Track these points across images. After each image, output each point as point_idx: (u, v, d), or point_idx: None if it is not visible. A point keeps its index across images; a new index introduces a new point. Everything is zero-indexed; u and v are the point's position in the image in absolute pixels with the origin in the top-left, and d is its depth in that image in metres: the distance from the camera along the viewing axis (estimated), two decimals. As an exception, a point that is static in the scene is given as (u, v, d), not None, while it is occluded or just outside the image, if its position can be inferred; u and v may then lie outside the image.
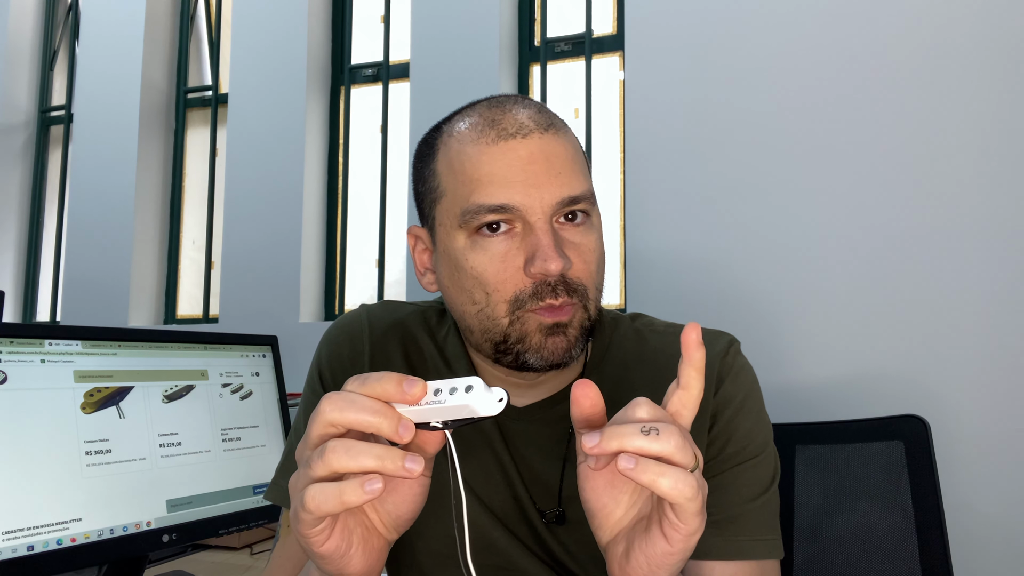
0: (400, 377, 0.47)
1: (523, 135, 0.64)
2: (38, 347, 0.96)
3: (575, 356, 0.65)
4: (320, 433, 0.47)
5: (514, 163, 0.63)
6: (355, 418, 0.46)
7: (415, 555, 0.74)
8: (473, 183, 0.64)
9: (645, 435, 0.45)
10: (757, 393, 0.74)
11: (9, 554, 0.86)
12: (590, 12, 2.29)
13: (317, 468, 0.45)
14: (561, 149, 0.65)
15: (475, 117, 0.67)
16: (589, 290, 0.65)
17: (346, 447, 0.45)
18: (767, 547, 0.69)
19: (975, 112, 1.73)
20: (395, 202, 2.50)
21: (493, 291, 0.64)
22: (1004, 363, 1.65)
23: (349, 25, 2.61)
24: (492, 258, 0.63)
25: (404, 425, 0.46)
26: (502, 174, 0.63)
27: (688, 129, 1.96)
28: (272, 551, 0.78)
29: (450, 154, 0.67)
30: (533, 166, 0.63)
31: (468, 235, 0.64)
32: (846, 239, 1.79)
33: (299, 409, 0.81)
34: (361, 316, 0.80)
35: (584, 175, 0.66)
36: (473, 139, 0.65)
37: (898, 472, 1.10)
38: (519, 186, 0.62)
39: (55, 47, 3.11)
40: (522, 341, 0.64)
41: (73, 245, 2.74)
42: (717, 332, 0.77)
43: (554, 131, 0.66)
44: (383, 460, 0.44)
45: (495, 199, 0.62)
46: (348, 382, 0.48)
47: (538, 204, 0.62)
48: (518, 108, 0.67)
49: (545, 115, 0.67)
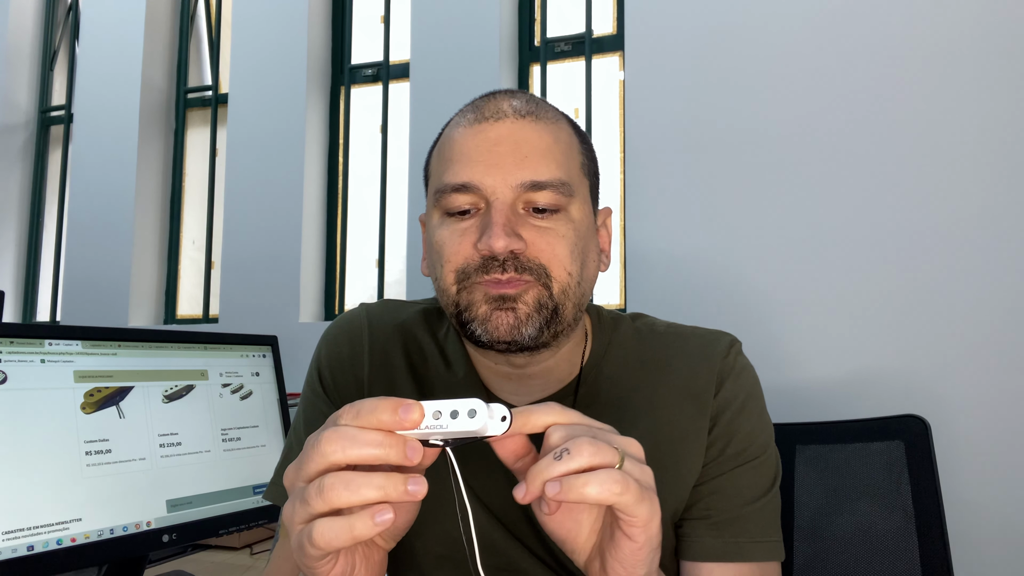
0: (395, 404, 0.44)
1: (496, 119, 0.66)
2: (38, 347, 0.96)
3: (528, 334, 0.63)
4: (319, 470, 0.44)
5: (482, 144, 0.65)
6: (358, 454, 0.44)
7: (415, 556, 0.74)
8: (446, 163, 0.66)
9: (558, 460, 0.45)
10: (758, 394, 0.74)
11: (9, 554, 0.86)
12: (590, 12, 2.29)
13: (317, 505, 0.43)
14: (534, 136, 0.65)
15: (468, 107, 0.70)
16: (552, 270, 0.64)
17: (344, 482, 0.43)
18: (767, 549, 0.69)
19: (975, 113, 1.73)
20: (395, 202, 2.50)
21: (446, 262, 0.65)
22: (1004, 363, 1.65)
23: (349, 25, 2.61)
24: (452, 233, 0.65)
25: (412, 448, 0.44)
26: (469, 154, 0.65)
27: (688, 129, 1.96)
28: (272, 551, 0.78)
29: (440, 141, 0.70)
30: (499, 147, 0.64)
31: (441, 214, 0.66)
32: (846, 239, 1.79)
33: (298, 409, 0.81)
34: (361, 315, 0.80)
35: (560, 166, 0.65)
36: (457, 124, 0.68)
37: (898, 472, 1.10)
38: (481, 166, 0.64)
39: (55, 47, 3.11)
40: (469, 310, 0.64)
41: (73, 245, 2.74)
42: (718, 332, 0.76)
43: (533, 119, 0.66)
44: (385, 489, 0.43)
45: (458, 177, 0.64)
46: (342, 414, 0.46)
47: (500, 184, 0.63)
48: (506, 97, 0.68)
49: (532, 105, 0.67)
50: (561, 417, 0.48)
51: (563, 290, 0.64)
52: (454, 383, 0.75)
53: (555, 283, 0.64)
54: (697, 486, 0.71)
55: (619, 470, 0.45)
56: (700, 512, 0.70)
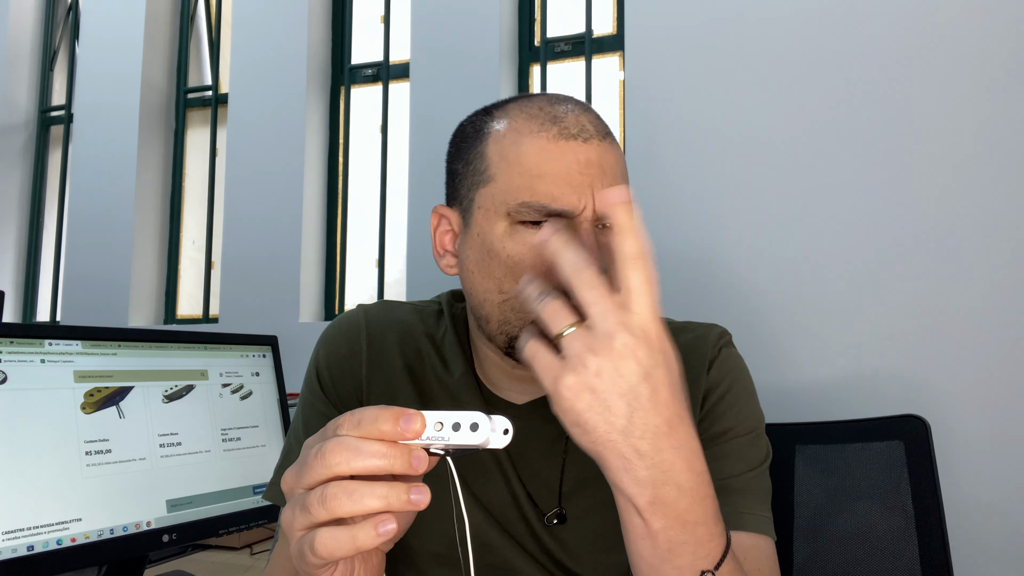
0: (397, 414, 0.44)
1: (584, 139, 0.64)
2: (38, 347, 0.96)
3: None
4: (320, 479, 0.44)
5: (573, 165, 0.63)
6: (363, 465, 0.43)
7: (412, 555, 0.74)
8: (531, 178, 0.63)
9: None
10: (745, 380, 0.75)
11: (9, 554, 0.86)
12: (590, 12, 2.29)
13: (319, 514, 0.43)
14: (614, 159, 0.66)
15: (534, 110, 0.66)
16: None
17: (347, 492, 0.43)
18: (755, 520, 0.68)
19: (975, 112, 1.73)
20: (395, 202, 2.50)
21: (518, 275, 0.63)
22: (1004, 363, 1.65)
23: (349, 25, 2.61)
24: (531, 249, 0.63)
25: (416, 458, 0.44)
26: (563, 175, 0.63)
27: (688, 129, 1.96)
28: (272, 551, 0.78)
29: (504, 141, 0.66)
30: (590, 171, 0.63)
31: (510, 224, 0.64)
32: (846, 239, 1.79)
33: (297, 409, 0.81)
34: (358, 316, 0.80)
35: (629, 187, 0.66)
36: (533, 131, 0.65)
37: (898, 472, 1.10)
38: (571, 188, 0.63)
39: (55, 47, 3.11)
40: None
41: (73, 245, 2.74)
42: (709, 325, 0.78)
43: (610, 140, 0.67)
44: (387, 499, 0.43)
45: (554, 202, 0.62)
46: (342, 423, 0.45)
47: (589, 210, 0.63)
48: (579, 111, 0.67)
49: (602, 123, 0.68)
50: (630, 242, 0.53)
51: None
52: (450, 383, 0.75)
53: None
54: None
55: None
56: None
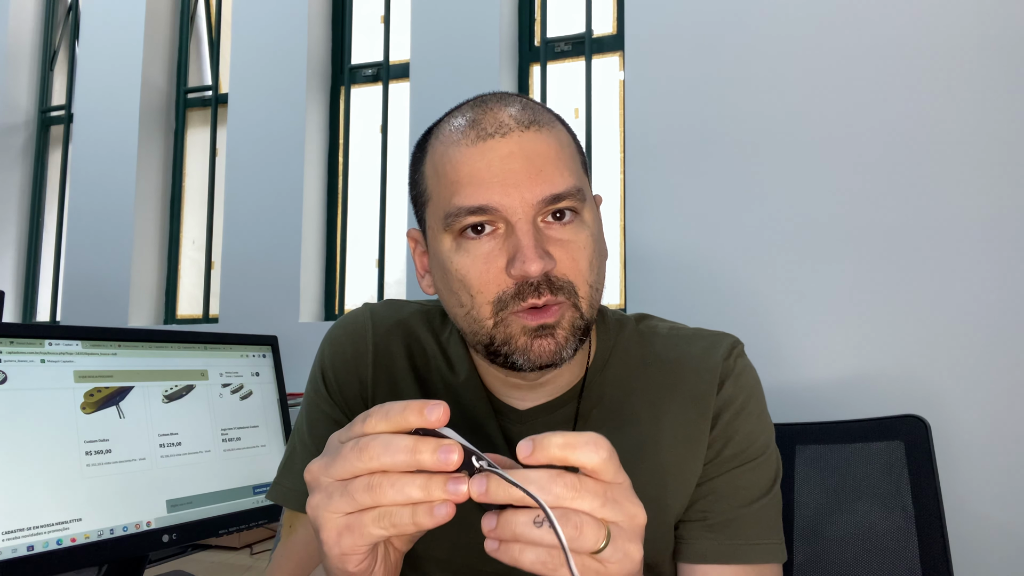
0: (421, 405, 0.45)
1: (502, 134, 0.63)
2: (38, 347, 0.96)
3: (567, 356, 0.64)
4: (354, 473, 0.46)
5: (493, 163, 0.62)
6: (393, 461, 0.45)
7: (418, 559, 0.74)
8: (454, 185, 0.63)
9: (538, 527, 0.43)
10: (759, 395, 0.74)
11: (9, 554, 0.86)
12: (590, 12, 2.29)
13: (363, 500, 0.45)
14: (543, 146, 0.63)
15: (459, 118, 0.66)
16: (579, 287, 0.63)
17: (391, 481, 0.44)
18: (766, 551, 0.69)
19: (976, 113, 1.73)
20: (395, 202, 2.50)
21: (477, 293, 0.63)
22: (1004, 363, 1.65)
23: (349, 25, 2.61)
24: (475, 260, 0.63)
25: (444, 450, 0.44)
26: (480, 175, 0.62)
27: (688, 129, 1.96)
28: (272, 551, 0.78)
29: (435, 157, 0.67)
30: (512, 164, 0.62)
31: (453, 238, 0.64)
32: (846, 239, 1.79)
33: (301, 409, 0.81)
34: (364, 315, 0.79)
35: (571, 172, 0.64)
36: (455, 141, 0.65)
37: (898, 472, 1.10)
38: (497, 186, 0.61)
39: (55, 47, 3.11)
40: (508, 343, 0.63)
41: (73, 245, 2.73)
42: (721, 334, 0.76)
43: (536, 128, 0.64)
44: (428, 489, 0.44)
45: (474, 200, 0.62)
46: (371, 414, 0.47)
47: (518, 203, 0.61)
48: (500, 107, 0.65)
49: (529, 111, 0.65)
50: (594, 462, 0.45)
51: (590, 304, 0.65)
52: (456, 385, 0.75)
53: (582, 300, 0.64)
54: (696, 486, 0.71)
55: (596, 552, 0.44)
56: (697, 514, 0.70)
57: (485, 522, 0.45)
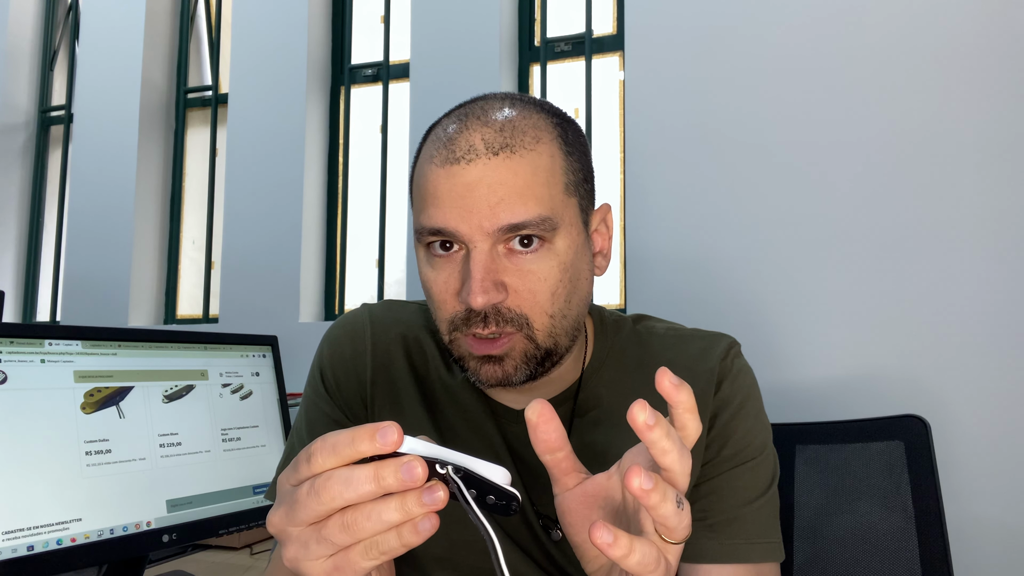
0: (371, 430, 0.41)
1: (467, 160, 0.62)
2: (38, 347, 0.96)
3: (517, 381, 0.64)
4: (317, 517, 0.43)
5: (455, 187, 0.62)
6: (357, 495, 0.42)
7: (416, 558, 0.74)
8: (422, 201, 0.65)
9: (680, 509, 0.44)
10: (756, 395, 0.74)
11: (9, 554, 0.86)
12: (590, 12, 2.29)
13: (343, 540, 0.43)
14: (509, 175, 0.61)
15: (439, 132, 0.66)
16: (534, 319, 0.63)
17: (365, 514, 0.42)
18: (764, 550, 0.69)
19: (976, 113, 1.73)
20: (395, 202, 2.50)
21: (436, 308, 0.66)
22: (1004, 363, 1.65)
23: (349, 25, 2.61)
24: (436, 277, 0.65)
25: (406, 470, 0.41)
26: (443, 198, 0.62)
27: (688, 129, 1.96)
28: (272, 551, 0.78)
29: (419, 167, 0.68)
30: (473, 192, 0.61)
31: (424, 248, 0.66)
32: (846, 239, 1.79)
33: (300, 409, 0.81)
34: (363, 315, 0.80)
35: (539, 200, 0.62)
36: (431, 157, 0.65)
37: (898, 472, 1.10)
38: (456, 211, 0.61)
39: (55, 47, 3.11)
40: (461, 360, 0.66)
41: (73, 245, 2.73)
42: (717, 334, 0.77)
43: (507, 153, 0.62)
44: (405, 509, 0.42)
45: (434, 222, 0.62)
46: (314, 451, 0.43)
47: (476, 231, 0.61)
48: (477, 127, 0.64)
49: (506, 134, 0.63)
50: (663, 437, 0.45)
51: (548, 333, 0.64)
52: (454, 385, 0.75)
53: (538, 332, 0.63)
54: (694, 487, 0.71)
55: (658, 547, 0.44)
56: (697, 514, 0.70)
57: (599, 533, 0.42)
